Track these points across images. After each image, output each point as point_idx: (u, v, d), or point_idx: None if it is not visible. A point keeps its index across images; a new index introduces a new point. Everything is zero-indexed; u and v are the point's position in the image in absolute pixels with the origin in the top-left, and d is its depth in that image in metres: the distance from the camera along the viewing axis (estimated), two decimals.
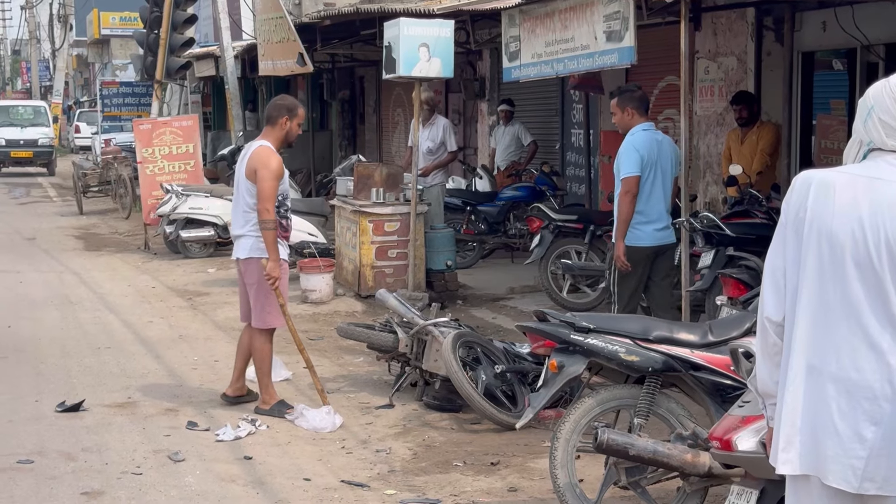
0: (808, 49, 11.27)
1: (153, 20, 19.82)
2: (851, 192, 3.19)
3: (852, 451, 3.13)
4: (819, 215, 3.21)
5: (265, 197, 7.59)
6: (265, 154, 7.73)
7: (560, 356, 5.57)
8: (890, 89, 3.23)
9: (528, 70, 11.09)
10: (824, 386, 3.19)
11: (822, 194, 3.22)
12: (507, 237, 14.66)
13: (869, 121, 3.26)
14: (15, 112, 38.01)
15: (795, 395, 3.23)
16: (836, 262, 3.18)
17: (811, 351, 3.22)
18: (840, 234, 3.17)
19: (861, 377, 3.14)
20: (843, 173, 3.26)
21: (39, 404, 8.13)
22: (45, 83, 62.69)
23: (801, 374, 3.23)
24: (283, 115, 7.88)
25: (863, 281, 3.15)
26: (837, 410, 3.16)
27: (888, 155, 3.22)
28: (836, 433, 3.15)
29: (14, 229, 20.26)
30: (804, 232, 3.23)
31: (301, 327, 10.89)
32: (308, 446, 7.16)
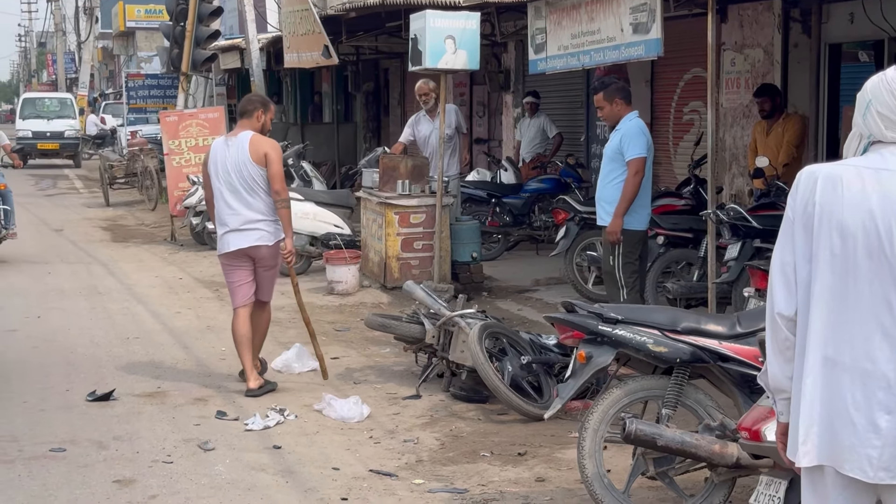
0: (835, 41, 11.24)
1: (179, 12, 19.87)
2: (859, 184, 3.21)
3: (868, 440, 3.15)
4: (828, 208, 3.23)
5: (280, 177, 8.11)
6: (263, 139, 8.17)
7: (588, 347, 5.60)
8: (887, 83, 3.25)
9: (555, 62, 11.10)
10: (839, 377, 3.21)
11: (830, 187, 3.24)
12: (531, 229, 14.67)
13: (868, 114, 3.29)
14: (41, 104, 38.26)
15: (812, 388, 3.25)
16: (847, 254, 3.21)
17: (826, 343, 3.24)
18: (851, 225, 3.19)
19: (875, 367, 3.16)
20: (849, 166, 3.28)
21: (70, 393, 8.22)
22: (71, 75, 63.05)
23: (816, 367, 3.25)
24: (259, 108, 8.29)
25: (875, 271, 3.18)
26: (852, 401, 3.18)
27: (890, 146, 3.25)
28: (852, 424, 3.17)
29: (42, 221, 20.41)
30: (814, 226, 3.25)
31: (327, 318, 11.01)
32: (336, 436, 7.22)
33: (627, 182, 8.58)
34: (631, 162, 8.58)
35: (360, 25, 18.07)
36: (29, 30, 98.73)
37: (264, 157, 8.06)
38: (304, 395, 8.14)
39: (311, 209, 13.68)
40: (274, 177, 8.08)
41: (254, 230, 8.17)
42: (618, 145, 8.71)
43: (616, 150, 8.72)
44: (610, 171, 8.72)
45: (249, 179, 8.09)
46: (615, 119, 8.82)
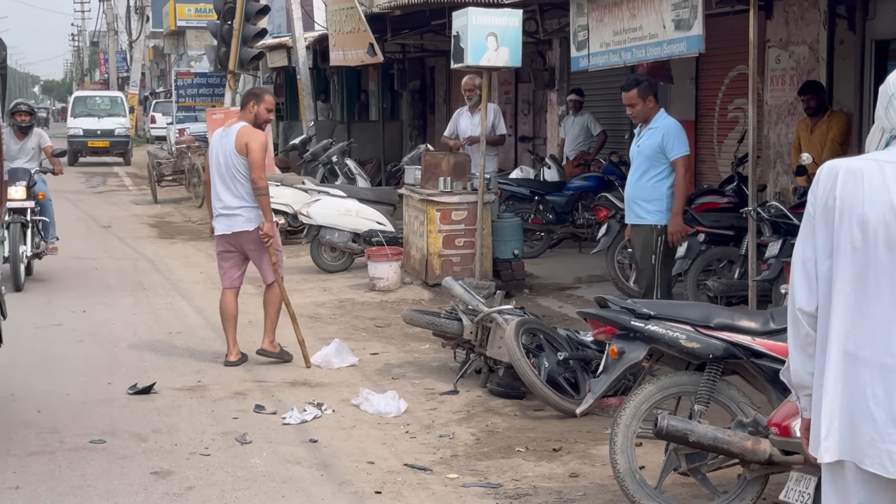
0: (881, 37, 11.12)
1: (227, 11, 20.02)
2: (880, 178, 3.19)
3: (888, 436, 3.14)
4: (849, 202, 3.22)
5: (258, 166, 8.65)
6: (249, 130, 8.74)
7: (621, 342, 5.60)
8: None
9: (597, 59, 11.09)
10: (859, 372, 3.19)
11: (851, 182, 3.23)
12: (574, 227, 14.66)
13: (890, 108, 3.27)
14: (92, 102, 38.68)
15: (834, 383, 3.24)
16: (868, 248, 3.19)
17: (847, 337, 3.22)
18: (872, 219, 3.18)
19: (894, 361, 3.14)
20: (869, 160, 3.26)
21: (112, 386, 8.32)
22: (123, 74, 63.63)
23: (837, 362, 3.24)
24: (251, 100, 8.89)
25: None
26: (873, 396, 3.16)
27: None
28: (872, 419, 3.15)
29: (91, 217, 20.65)
30: (835, 220, 3.24)
31: (368, 314, 11.05)
32: (373, 430, 7.25)
33: (681, 180, 8.56)
34: (679, 160, 8.55)
35: (405, 23, 18.14)
36: (82, 29, 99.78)
37: (245, 147, 8.64)
38: (342, 390, 8.19)
39: (353, 206, 13.74)
40: (251, 165, 8.66)
41: (234, 216, 8.81)
42: (659, 144, 8.64)
43: (656, 149, 8.66)
44: (647, 170, 8.66)
45: (233, 168, 8.71)
46: (646, 117, 8.77)
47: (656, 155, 8.64)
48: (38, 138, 13.56)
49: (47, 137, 13.81)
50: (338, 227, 13.47)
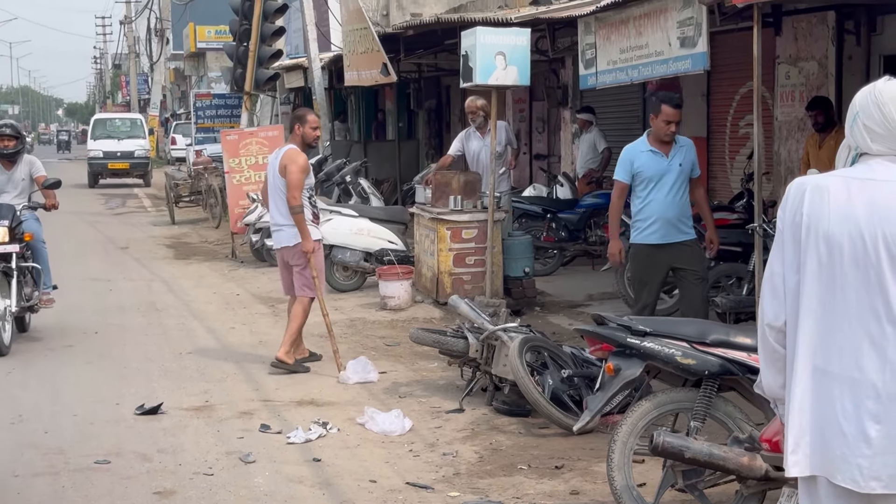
0: (889, 52, 11.12)
1: (242, 33, 20.15)
2: (846, 194, 3.22)
3: (858, 450, 3.15)
4: (816, 219, 3.24)
5: (293, 186, 9.15)
6: (293, 153, 9.31)
7: (617, 359, 5.61)
8: (874, 96, 3.26)
9: (604, 77, 11.11)
10: (829, 387, 3.21)
11: (818, 198, 3.25)
12: (587, 244, 14.65)
13: (854, 126, 3.30)
14: (112, 125, 38.94)
15: (802, 398, 3.26)
16: (834, 264, 3.21)
17: (815, 353, 3.25)
18: (837, 235, 3.20)
19: (864, 376, 3.16)
20: (836, 177, 3.29)
21: (120, 407, 8.37)
22: (144, 96, 64.11)
23: (806, 377, 3.26)
24: (295, 123, 9.55)
25: (862, 280, 3.18)
26: (842, 411, 3.18)
27: (877, 157, 3.25)
28: (842, 433, 3.17)
29: (108, 238, 20.79)
30: (802, 236, 3.27)
31: (378, 333, 11.08)
32: (377, 449, 7.27)
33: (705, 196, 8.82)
34: (700, 178, 8.76)
35: (418, 43, 18.21)
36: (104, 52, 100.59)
37: (285, 169, 9.21)
38: (348, 409, 8.22)
39: (365, 225, 13.80)
40: (287, 185, 9.20)
41: (280, 231, 9.48)
42: (692, 160, 8.76)
43: (690, 166, 8.74)
44: (681, 187, 8.71)
45: (278, 187, 9.33)
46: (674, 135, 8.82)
47: (689, 171, 8.73)
48: (28, 167, 11.30)
49: (40, 165, 11.50)
50: (349, 246, 13.52)
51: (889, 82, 3.29)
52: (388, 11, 26.80)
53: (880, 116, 3.22)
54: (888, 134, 3.24)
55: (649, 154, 8.74)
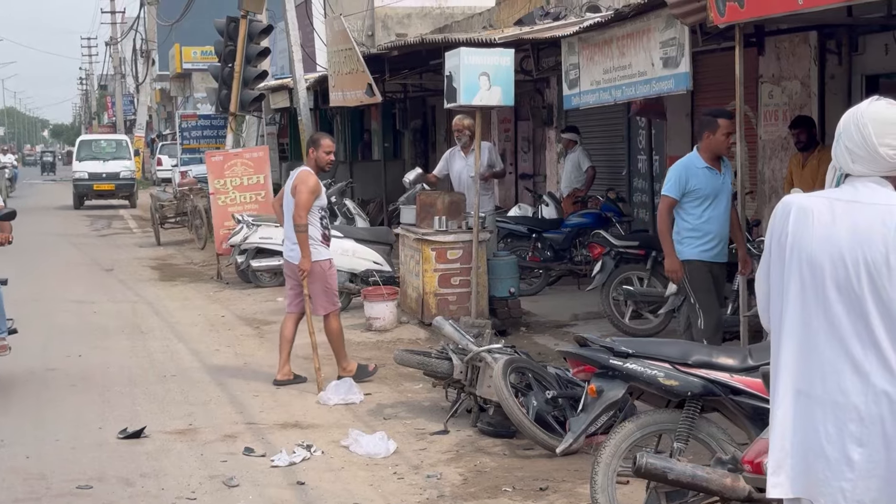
0: (871, 72, 11.16)
1: (227, 54, 20.13)
2: (830, 216, 3.21)
3: (841, 473, 3.14)
4: (799, 240, 3.24)
5: (299, 206, 9.44)
6: (304, 174, 9.61)
7: (599, 381, 5.60)
8: (856, 118, 3.26)
9: (588, 97, 11.15)
10: (812, 410, 3.20)
11: (802, 219, 3.25)
12: (572, 264, 14.64)
13: (837, 147, 3.30)
14: (97, 146, 38.87)
15: (784, 420, 3.26)
16: (817, 286, 3.21)
17: (797, 375, 3.24)
18: (820, 257, 3.20)
19: (846, 400, 3.16)
20: (822, 197, 3.29)
21: (103, 431, 8.33)
22: (130, 117, 64.08)
23: (788, 399, 3.25)
24: (310, 147, 9.89)
25: (844, 303, 3.17)
26: (825, 434, 3.17)
27: (862, 178, 3.25)
28: (825, 457, 3.16)
29: (93, 260, 20.72)
30: (786, 257, 3.26)
31: (364, 354, 11.05)
32: (361, 471, 7.25)
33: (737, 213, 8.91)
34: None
35: (403, 64, 18.24)
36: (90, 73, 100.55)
37: (295, 189, 9.49)
38: (332, 431, 8.19)
39: (350, 246, 13.78)
40: (295, 204, 9.49)
41: (293, 248, 9.69)
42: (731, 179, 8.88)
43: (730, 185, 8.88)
44: (729, 204, 8.82)
45: (289, 206, 9.60)
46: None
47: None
48: None
49: None
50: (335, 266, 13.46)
51: (872, 104, 3.29)
52: (374, 32, 26.89)
53: (860, 138, 3.22)
54: (868, 156, 3.23)
55: (706, 171, 8.77)
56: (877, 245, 3.14)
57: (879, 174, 3.25)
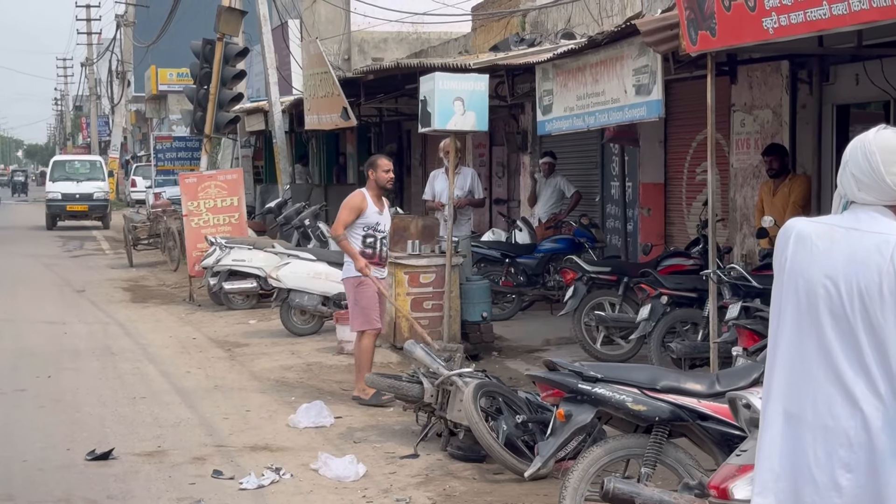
0: (842, 102, 11.27)
1: (203, 76, 20.18)
2: (828, 242, 3.24)
3: (829, 498, 3.16)
4: (797, 265, 3.27)
5: (336, 220, 10.08)
6: (352, 194, 10.21)
7: (568, 405, 5.62)
8: (864, 145, 3.27)
9: (561, 123, 11.21)
10: (802, 434, 3.22)
11: (801, 244, 3.28)
12: (545, 289, 14.67)
13: (844, 174, 3.31)
14: (71, 167, 38.73)
15: (771, 443, 3.27)
16: (811, 311, 3.23)
17: (788, 399, 3.26)
18: (815, 282, 3.22)
19: (836, 425, 3.17)
20: (822, 223, 3.31)
21: (71, 452, 8.28)
22: (105, 138, 63.88)
23: (778, 422, 3.27)
24: (368, 170, 10.23)
25: (836, 329, 3.20)
26: (814, 459, 3.19)
27: (865, 207, 3.27)
28: (814, 481, 3.18)
29: (65, 281, 20.62)
30: (784, 280, 3.29)
31: (335, 378, 11.05)
32: (330, 495, 7.23)
33: None
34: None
35: (379, 88, 18.30)
36: (65, 94, 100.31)
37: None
38: (302, 454, 8.17)
39: (323, 269, 13.79)
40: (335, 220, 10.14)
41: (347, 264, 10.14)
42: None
43: None
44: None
45: None
46: None
47: None
48: None
49: None
50: (307, 290, 13.50)
51: (880, 132, 3.30)
52: (350, 56, 26.95)
53: (867, 166, 3.24)
54: (874, 184, 3.25)
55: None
56: (871, 274, 3.16)
57: (884, 203, 3.27)
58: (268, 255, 15.26)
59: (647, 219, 14.92)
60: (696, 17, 7.90)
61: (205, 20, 26.19)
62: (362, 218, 9.91)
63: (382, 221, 10.09)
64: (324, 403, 9.34)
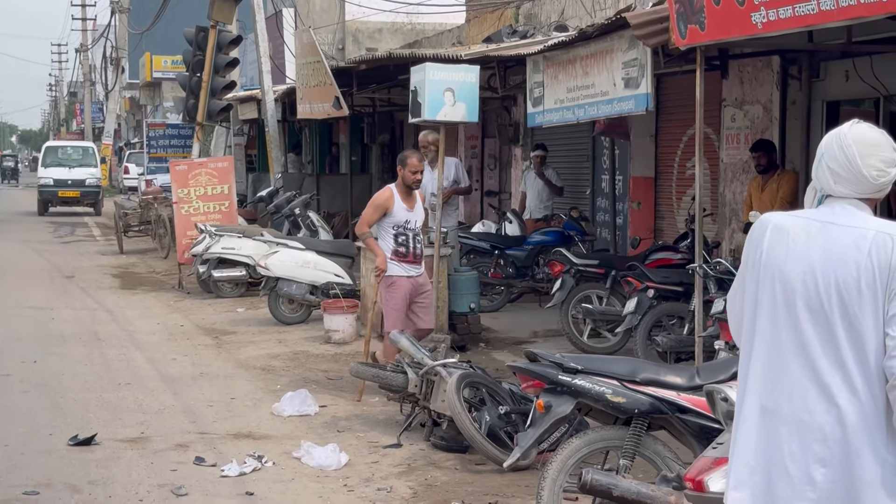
0: (832, 98, 11.28)
1: (196, 63, 20.12)
2: (805, 237, 3.24)
3: (803, 493, 3.17)
4: (773, 258, 3.27)
5: (361, 219, 9.81)
6: (380, 191, 9.92)
7: (548, 396, 5.62)
8: (840, 138, 3.29)
9: (551, 115, 11.20)
10: (777, 428, 3.23)
11: (777, 238, 3.28)
12: (534, 281, 14.68)
13: (819, 167, 3.32)
14: (64, 152, 38.59)
15: (747, 436, 3.28)
16: (788, 305, 3.23)
17: (764, 392, 3.27)
18: (792, 277, 3.23)
19: (812, 419, 3.18)
20: (799, 217, 3.32)
21: (53, 437, 8.27)
22: (99, 125, 63.68)
23: (754, 415, 3.28)
24: (398, 166, 9.85)
25: (813, 324, 3.20)
26: (789, 453, 3.20)
27: (840, 201, 3.28)
28: (788, 475, 3.19)
29: (55, 267, 20.58)
30: (759, 275, 3.29)
31: (321, 367, 11.05)
32: (311, 483, 7.23)
33: None
34: None
35: (371, 78, 18.25)
36: (59, 80, 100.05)
37: None
38: (285, 443, 8.16)
39: (311, 258, 13.77)
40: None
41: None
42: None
43: None
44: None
45: None
46: None
47: None
48: None
49: None
50: (295, 279, 13.48)
51: (854, 126, 3.31)
52: (344, 46, 26.93)
53: (843, 159, 3.24)
54: (850, 176, 3.26)
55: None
56: (849, 268, 3.16)
57: (860, 196, 3.27)
58: (257, 244, 15.23)
59: (636, 212, 14.93)
60: (686, 10, 7.90)
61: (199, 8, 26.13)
62: (390, 217, 9.57)
63: (412, 218, 9.69)
64: (308, 392, 9.33)
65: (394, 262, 9.52)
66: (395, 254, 9.52)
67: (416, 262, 9.68)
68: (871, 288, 3.15)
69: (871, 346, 3.15)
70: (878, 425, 3.15)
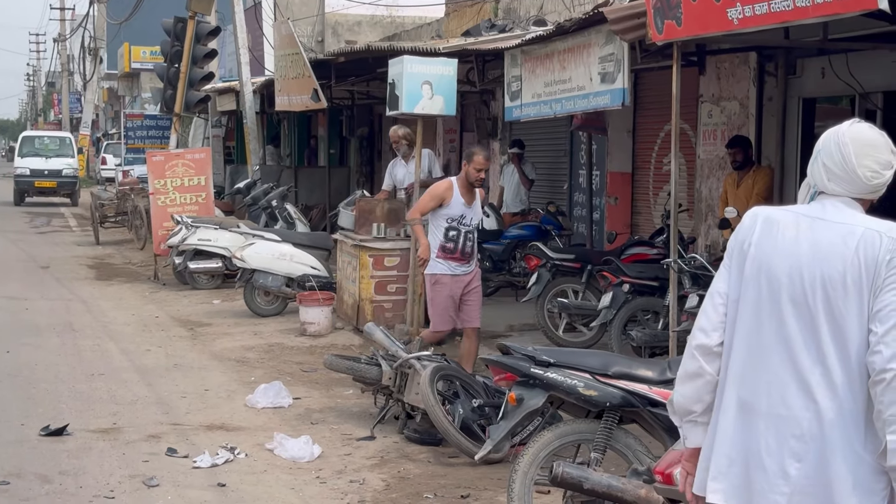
0: (808, 95, 11.31)
1: (174, 54, 20.04)
2: (794, 231, 3.25)
3: (777, 487, 3.18)
4: (761, 251, 3.27)
5: (415, 206, 9.77)
6: (439, 181, 9.94)
7: (520, 389, 5.62)
8: (838, 136, 3.29)
9: (529, 109, 11.20)
10: (755, 422, 3.24)
11: (767, 231, 3.29)
12: (511, 275, 14.66)
13: (815, 164, 3.33)
14: (41, 142, 38.35)
15: (724, 428, 3.29)
16: (773, 299, 3.24)
17: (743, 385, 3.28)
18: (778, 271, 3.23)
19: (790, 413, 3.19)
20: (790, 212, 3.32)
21: (24, 428, 8.22)
22: (76, 115, 63.38)
23: (732, 408, 3.29)
24: (463, 160, 9.55)
25: (797, 318, 3.20)
26: (766, 447, 3.21)
27: (832, 198, 3.29)
28: (763, 468, 3.20)
29: (30, 257, 20.47)
30: (746, 266, 3.30)
31: (296, 359, 11.02)
32: (283, 475, 7.21)
33: None
34: None
35: (350, 70, 18.21)
36: (37, 69, 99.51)
37: None
38: (258, 434, 8.15)
39: (288, 250, 13.73)
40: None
41: None
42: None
43: None
44: None
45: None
46: None
47: None
48: None
49: None
50: (271, 271, 13.45)
51: (855, 125, 3.31)
52: (324, 38, 26.85)
53: (839, 157, 3.25)
54: (845, 175, 3.26)
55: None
56: (835, 264, 3.17)
57: (853, 195, 3.28)
58: (234, 236, 15.18)
59: (613, 207, 14.95)
60: (663, 6, 7.90)
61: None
62: (446, 209, 9.32)
63: (469, 215, 9.42)
64: (283, 384, 9.31)
65: (439, 260, 9.31)
66: (441, 249, 9.29)
67: (464, 260, 9.37)
68: (857, 284, 3.16)
69: (854, 342, 3.16)
70: (857, 423, 3.16)
